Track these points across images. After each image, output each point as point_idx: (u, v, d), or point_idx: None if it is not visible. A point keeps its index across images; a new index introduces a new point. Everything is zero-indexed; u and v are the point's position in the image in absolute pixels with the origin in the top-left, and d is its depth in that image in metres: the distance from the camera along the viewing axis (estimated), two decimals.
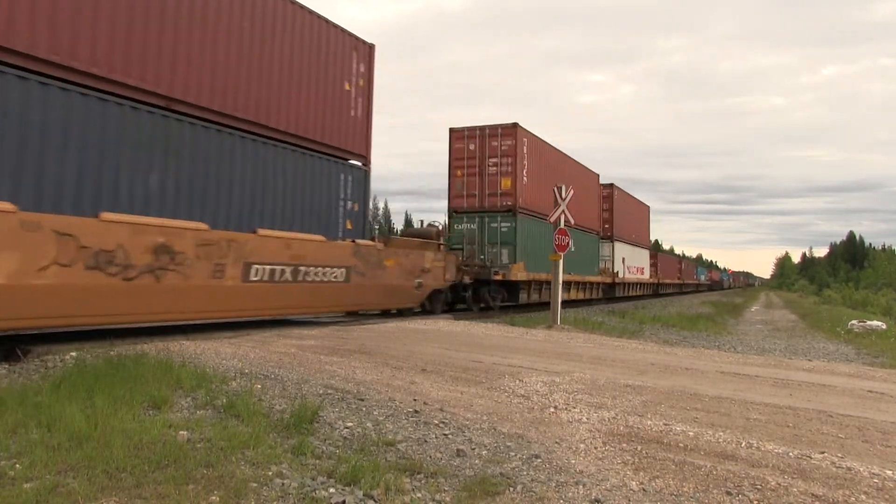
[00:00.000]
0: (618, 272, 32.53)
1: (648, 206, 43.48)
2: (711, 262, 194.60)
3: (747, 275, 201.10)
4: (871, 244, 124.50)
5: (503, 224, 20.13)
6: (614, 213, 32.92)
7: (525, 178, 20.65)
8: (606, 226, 31.91)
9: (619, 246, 33.43)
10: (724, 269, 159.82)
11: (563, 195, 16.13)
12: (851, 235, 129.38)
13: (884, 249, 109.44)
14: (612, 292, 32.83)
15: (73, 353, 6.91)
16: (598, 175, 29.25)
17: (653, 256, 45.51)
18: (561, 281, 16.04)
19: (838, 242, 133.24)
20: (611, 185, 32.71)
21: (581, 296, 27.13)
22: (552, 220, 16.41)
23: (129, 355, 6.53)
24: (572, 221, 17.55)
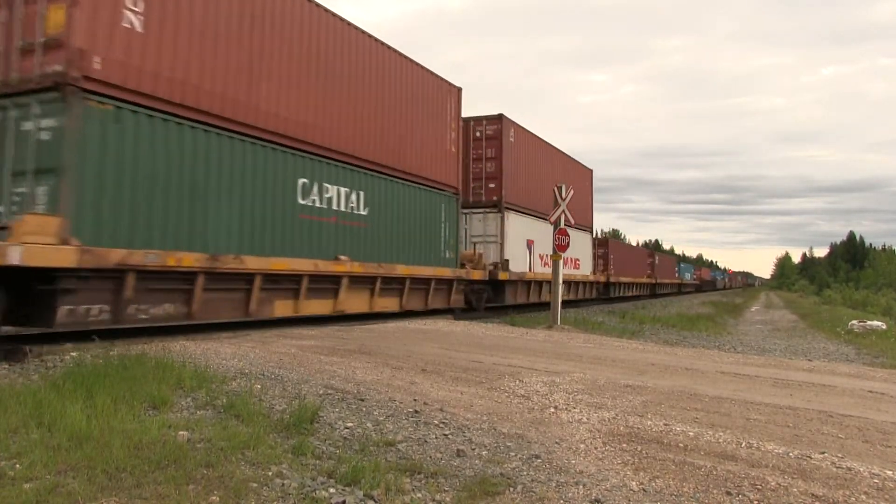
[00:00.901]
0: (508, 262, 19.33)
1: (590, 171, 29.10)
2: (712, 261, 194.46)
3: (747, 275, 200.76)
4: (871, 244, 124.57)
5: (44, 121, 7.87)
6: (505, 164, 19.31)
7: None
8: (491, 185, 19.22)
9: (516, 221, 20.14)
10: (725, 268, 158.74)
11: (564, 195, 16.11)
12: (851, 235, 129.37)
13: (884, 249, 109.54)
14: (501, 293, 19.76)
15: (74, 353, 6.91)
16: (460, 90, 16.65)
17: (601, 245, 33.37)
18: (561, 281, 16.03)
19: (838, 242, 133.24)
20: (499, 118, 19.43)
21: (393, 305, 14.16)
22: (552, 220, 16.36)
23: (130, 355, 6.53)
24: (572, 221, 17.28)
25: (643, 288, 43.62)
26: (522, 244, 20.85)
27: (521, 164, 20.91)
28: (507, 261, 19.38)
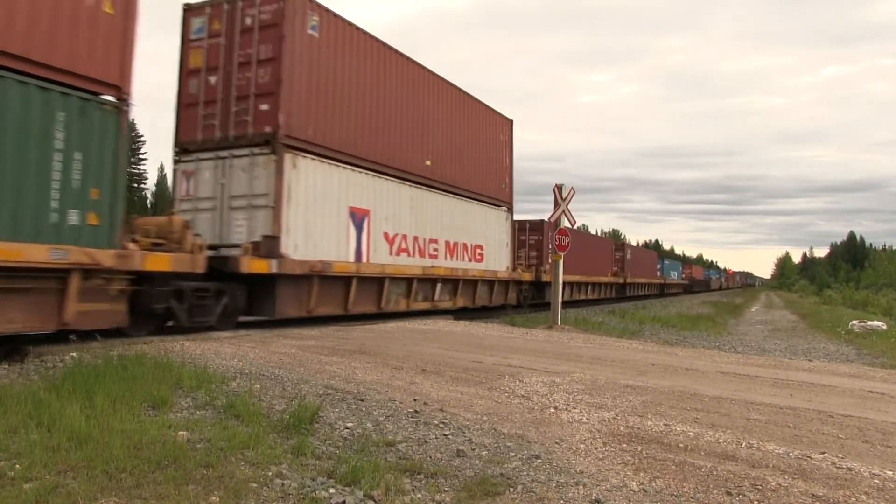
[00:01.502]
0: (279, 240, 10.85)
1: (509, 122, 20.34)
2: (712, 261, 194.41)
3: (747, 275, 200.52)
4: (871, 244, 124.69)
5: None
6: (291, 71, 11.21)
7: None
8: (264, 107, 11.12)
9: (317, 172, 11.97)
10: (724, 268, 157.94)
11: (564, 195, 16.13)
12: (852, 235, 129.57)
13: (884, 249, 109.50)
14: (267, 298, 11.00)
15: (74, 354, 6.91)
16: None
17: (533, 230, 25.08)
18: (561, 280, 16.05)
19: (839, 242, 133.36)
20: None
21: None
22: (552, 219, 16.37)
23: (130, 355, 6.53)
24: (574, 221, 17.03)
25: (604, 289, 33.54)
26: (334, 213, 12.36)
27: (336, 77, 12.39)
28: (278, 239, 10.85)
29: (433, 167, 15.75)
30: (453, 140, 16.85)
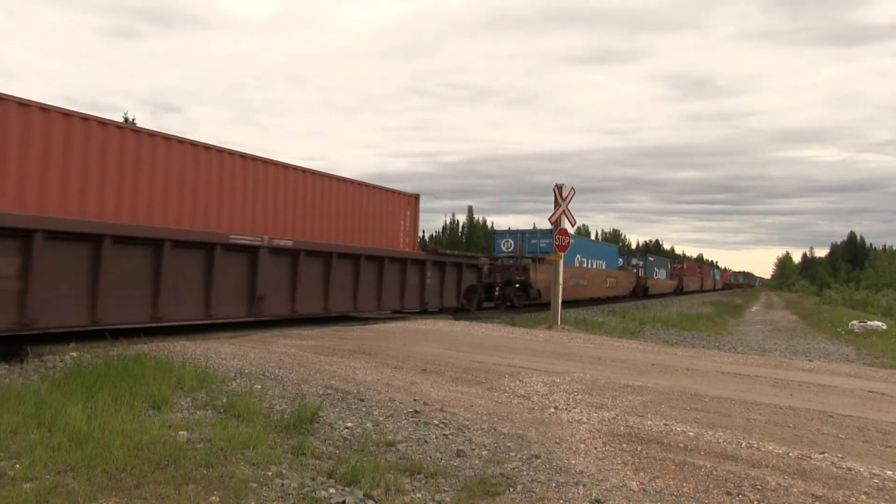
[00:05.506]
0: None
1: None
2: (712, 261, 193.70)
3: (747, 275, 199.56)
4: (871, 244, 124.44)
5: None
6: None
7: None
8: None
9: None
10: (719, 268, 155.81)
11: (564, 195, 16.13)
12: (852, 235, 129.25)
13: (884, 249, 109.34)
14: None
15: (74, 354, 6.92)
16: None
17: None
18: (561, 280, 16.06)
19: (839, 242, 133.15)
20: None
21: None
22: (552, 219, 16.40)
23: (130, 355, 6.53)
24: (574, 221, 17.24)
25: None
26: None
27: None
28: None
29: None
30: None
